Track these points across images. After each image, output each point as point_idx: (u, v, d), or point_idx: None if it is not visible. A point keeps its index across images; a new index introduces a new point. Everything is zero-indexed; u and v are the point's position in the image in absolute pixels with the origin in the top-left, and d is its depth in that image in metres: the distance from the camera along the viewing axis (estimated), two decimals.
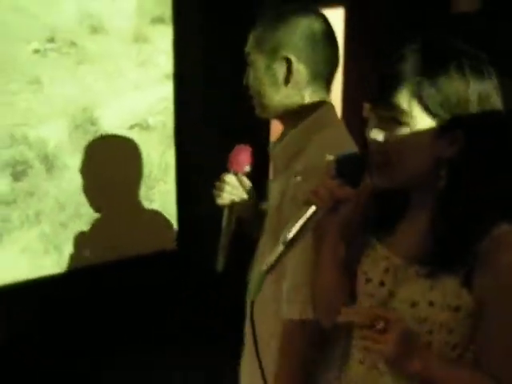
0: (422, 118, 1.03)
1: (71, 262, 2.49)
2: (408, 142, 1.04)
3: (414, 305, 1.06)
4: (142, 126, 2.57)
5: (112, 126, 2.51)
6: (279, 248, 1.12)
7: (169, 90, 2.64)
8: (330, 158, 1.18)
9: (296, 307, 1.39)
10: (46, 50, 2.29)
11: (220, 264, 1.61)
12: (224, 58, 2.63)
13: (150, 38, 2.54)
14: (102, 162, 2.50)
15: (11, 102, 2.26)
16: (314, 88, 1.53)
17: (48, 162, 2.36)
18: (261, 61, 1.51)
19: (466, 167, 1.04)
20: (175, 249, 2.83)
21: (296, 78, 1.50)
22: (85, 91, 2.41)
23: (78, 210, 2.47)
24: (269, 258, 1.12)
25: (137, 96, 2.54)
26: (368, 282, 1.16)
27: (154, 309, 2.69)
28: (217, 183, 1.62)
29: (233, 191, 1.60)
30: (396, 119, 1.04)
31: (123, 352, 2.54)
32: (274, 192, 1.57)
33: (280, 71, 1.50)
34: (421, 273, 1.06)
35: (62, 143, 2.39)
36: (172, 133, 2.71)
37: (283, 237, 1.12)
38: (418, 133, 1.03)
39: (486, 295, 1.01)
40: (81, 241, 2.50)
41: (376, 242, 1.17)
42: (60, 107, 2.36)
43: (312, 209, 1.12)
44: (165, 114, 2.65)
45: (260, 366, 1.25)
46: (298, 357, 1.42)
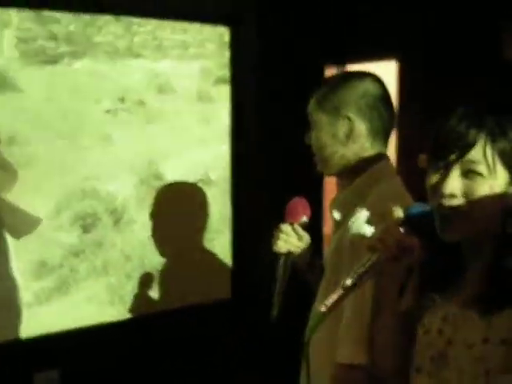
0: (500, 170, 1.06)
1: (134, 311, 2.56)
2: (487, 193, 1.06)
3: (470, 346, 1.06)
4: (204, 181, 2.67)
5: (177, 180, 2.61)
6: (339, 291, 1.12)
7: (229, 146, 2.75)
8: (396, 207, 1.18)
9: (347, 351, 1.41)
10: (116, 109, 2.42)
11: (275, 311, 1.64)
12: (280, 116, 2.76)
13: (213, 97, 2.66)
14: (165, 216, 2.59)
15: (83, 157, 2.38)
16: (373, 143, 1.61)
17: (116, 216, 2.47)
18: (324, 120, 1.61)
19: None
20: (230, 298, 2.88)
21: (356, 135, 1.58)
22: (151, 147, 2.53)
23: (142, 261, 2.55)
24: (327, 301, 1.13)
25: (200, 152, 2.65)
26: (427, 332, 1.17)
27: (208, 357, 2.73)
28: (274, 232, 1.70)
29: (288, 239, 1.68)
30: (476, 172, 1.05)
31: None
32: (333, 244, 1.62)
33: (342, 129, 1.59)
34: (477, 314, 1.06)
35: (130, 197, 2.50)
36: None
37: (343, 281, 1.13)
38: (495, 184, 1.06)
39: None
40: (143, 291, 2.58)
41: (435, 295, 1.18)
42: (128, 163, 2.48)
43: (375, 255, 1.13)
44: (225, 169, 2.75)
45: None
46: None
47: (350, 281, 1.12)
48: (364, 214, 1.50)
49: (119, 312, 2.52)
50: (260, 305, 1.82)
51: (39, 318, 2.33)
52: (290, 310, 1.67)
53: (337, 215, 1.64)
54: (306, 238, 1.73)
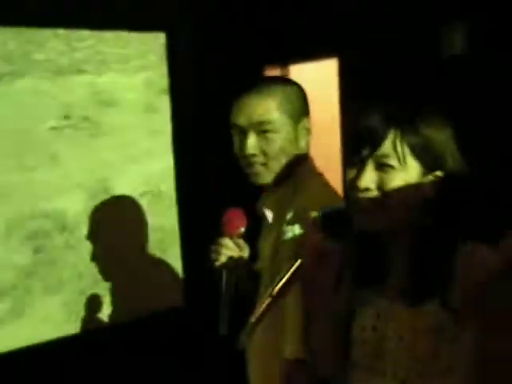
0: (411, 162, 1.11)
1: (90, 326, 2.56)
2: (401, 184, 1.11)
3: (401, 338, 1.13)
4: (154, 193, 2.67)
5: (126, 194, 2.61)
6: (267, 300, 1.13)
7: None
8: (314, 212, 1.18)
9: (293, 347, 1.41)
10: (62, 126, 2.40)
11: (223, 328, 1.61)
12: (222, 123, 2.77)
13: (158, 108, 2.66)
14: (116, 229, 2.58)
15: (31, 177, 2.35)
16: (306, 145, 1.61)
17: (67, 233, 2.45)
18: (285, 123, 1.55)
19: (447, 206, 1.12)
20: (183, 306, 2.91)
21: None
22: (99, 162, 2.52)
23: (95, 276, 2.54)
24: (257, 310, 1.15)
25: (149, 164, 2.65)
26: (363, 330, 1.20)
27: (166, 362, 2.76)
28: (213, 247, 1.63)
29: (228, 253, 1.60)
30: (387, 165, 1.11)
31: None
32: (268, 250, 1.60)
33: (302, 133, 1.58)
34: (404, 307, 1.12)
35: (80, 214, 2.48)
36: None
37: (270, 289, 1.14)
38: (407, 176, 1.11)
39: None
40: (99, 305, 2.58)
41: (366, 292, 1.21)
42: (76, 179, 2.46)
43: (297, 262, 1.14)
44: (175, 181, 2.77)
45: None
46: None
47: (275, 288, 1.13)
48: (297, 216, 1.48)
49: (76, 329, 2.50)
50: (212, 311, 1.79)
51: None
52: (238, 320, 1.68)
53: (269, 215, 1.62)
54: (247, 249, 1.67)
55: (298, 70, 6.20)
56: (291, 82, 1.63)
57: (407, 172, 1.11)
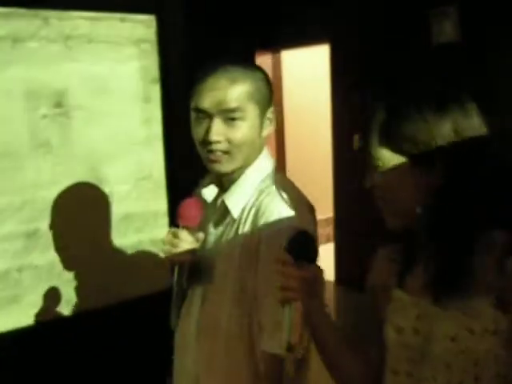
0: (394, 158, 1.11)
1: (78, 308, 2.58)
2: (395, 180, 1.12)
3: (453, 339, 1.07)
4: (145, 181, 2.67)
5: (119, 181, 2.60)
6: (283, 353, 1.14)
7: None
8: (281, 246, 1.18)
9: (277, 343, 1.35)
10: (54, 114, 2.38)
11: (174, 322, 1.59)
12: None
13: (152, 96, 2.65)
14: (105, 217, 2.58)
15: (21, 165, 2.34)
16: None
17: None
18: (256, 113, 1.53)
19: (447, 195, 1.09)
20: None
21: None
22: (91, 150, 2.51)
23: (89, 259, 2.56)
24: (288, 368, 1.18)
25: (143, 152, 2.64)
26: (399, 333, 1.15)
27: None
28: (170, 239, 1.53)
29: (186, 246, 1.51)
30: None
31: None
32: (213, 238, 1.59)
33: (267, 123, 1.57)
34: (452, 307, 1.07)
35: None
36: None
37: (284, 342, 1.13)
38: (398, 170, 1.11)
39: None
40: (88, 287, 2.59)
41: (399, 291, 1.17)
42: (68, 167, 2.45)
43: (291, 306, 1.14)
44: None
45: None
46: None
47: (291, 341, 1.12)
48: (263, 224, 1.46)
49: (65, 312, 2.53)
50: None
51: None
52: None
53: (234, 210, 1.56)
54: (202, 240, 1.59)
55: (290, 55, 6.19)
56: (259, 69, 1.58)
57: (396, 168, 1.12)
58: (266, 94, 1.55)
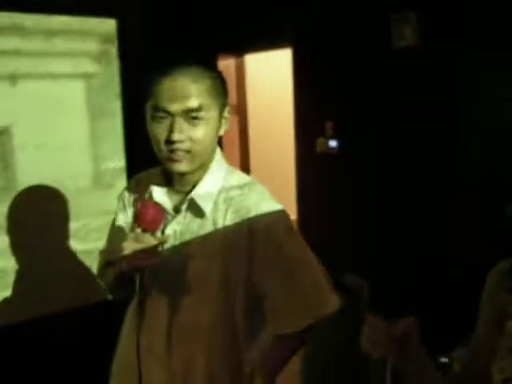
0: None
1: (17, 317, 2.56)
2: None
3: None
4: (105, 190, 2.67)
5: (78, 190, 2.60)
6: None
7: None
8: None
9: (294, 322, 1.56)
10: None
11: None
12: None
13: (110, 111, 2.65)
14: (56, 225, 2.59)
15: None
16: None
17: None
18: (215, 115, 1.56)
19: None
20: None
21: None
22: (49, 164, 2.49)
23: (30, 267, 2.56)
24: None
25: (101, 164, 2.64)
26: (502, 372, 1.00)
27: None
28: (132, 244, 1.43)
29: (150, 250, 1.44)
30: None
31: None
32: (178, 239, 1.58)
33: (224, 123, 1.61)
34: None
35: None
36: None
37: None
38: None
39: None
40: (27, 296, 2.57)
41: None
42: (26, 180, 2.45)
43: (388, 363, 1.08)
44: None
45: None
46: None
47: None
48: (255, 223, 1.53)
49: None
50: None
51: None
52: None
53: (207, 208, 1.58)
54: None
55: (253, 58, 6.21)
56: (216, 69, 1.61)
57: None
58: (223, 93, 1.58)
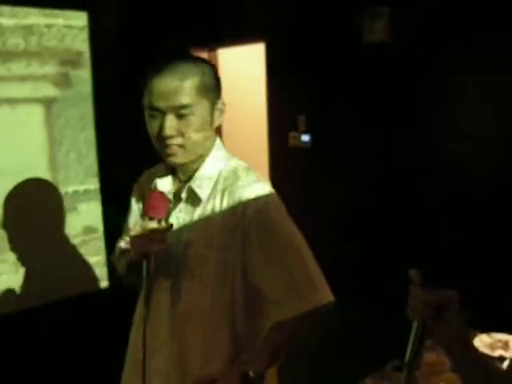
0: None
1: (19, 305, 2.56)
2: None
3: None
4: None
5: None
6: (404, 373, 1.14)
7: None
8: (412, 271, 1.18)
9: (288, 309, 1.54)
10: None
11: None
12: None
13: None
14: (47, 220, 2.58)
15: None
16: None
17: None
18: (202, 110, 1.59)
19: None
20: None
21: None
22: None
23: (28, 257, 2.53)
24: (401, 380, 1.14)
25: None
26: None
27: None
28: (139, 231, 1.53)
29: (157, 237, 1.53)
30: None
31: None
32: (181, 226, 1.64)
33: (216, 114, 1.64)
34: None
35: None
36: None
37: (403, 361, 1.14)
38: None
39: None
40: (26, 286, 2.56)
41: None
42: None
43: (415, 325, 1.12)
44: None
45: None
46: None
47: (407, 359, 1.13)
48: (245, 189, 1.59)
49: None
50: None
51: None
52: None
53: (203, 194, 1.64)
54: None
55: (226, 53, 6.21)
56: (207, 63, 1.65)
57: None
58: (215, 86, 1.63)
